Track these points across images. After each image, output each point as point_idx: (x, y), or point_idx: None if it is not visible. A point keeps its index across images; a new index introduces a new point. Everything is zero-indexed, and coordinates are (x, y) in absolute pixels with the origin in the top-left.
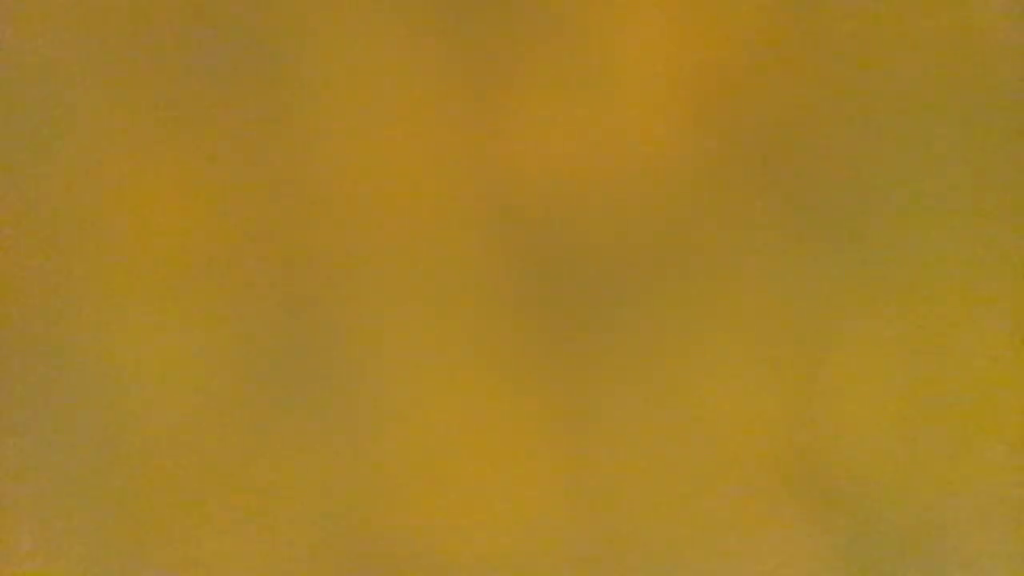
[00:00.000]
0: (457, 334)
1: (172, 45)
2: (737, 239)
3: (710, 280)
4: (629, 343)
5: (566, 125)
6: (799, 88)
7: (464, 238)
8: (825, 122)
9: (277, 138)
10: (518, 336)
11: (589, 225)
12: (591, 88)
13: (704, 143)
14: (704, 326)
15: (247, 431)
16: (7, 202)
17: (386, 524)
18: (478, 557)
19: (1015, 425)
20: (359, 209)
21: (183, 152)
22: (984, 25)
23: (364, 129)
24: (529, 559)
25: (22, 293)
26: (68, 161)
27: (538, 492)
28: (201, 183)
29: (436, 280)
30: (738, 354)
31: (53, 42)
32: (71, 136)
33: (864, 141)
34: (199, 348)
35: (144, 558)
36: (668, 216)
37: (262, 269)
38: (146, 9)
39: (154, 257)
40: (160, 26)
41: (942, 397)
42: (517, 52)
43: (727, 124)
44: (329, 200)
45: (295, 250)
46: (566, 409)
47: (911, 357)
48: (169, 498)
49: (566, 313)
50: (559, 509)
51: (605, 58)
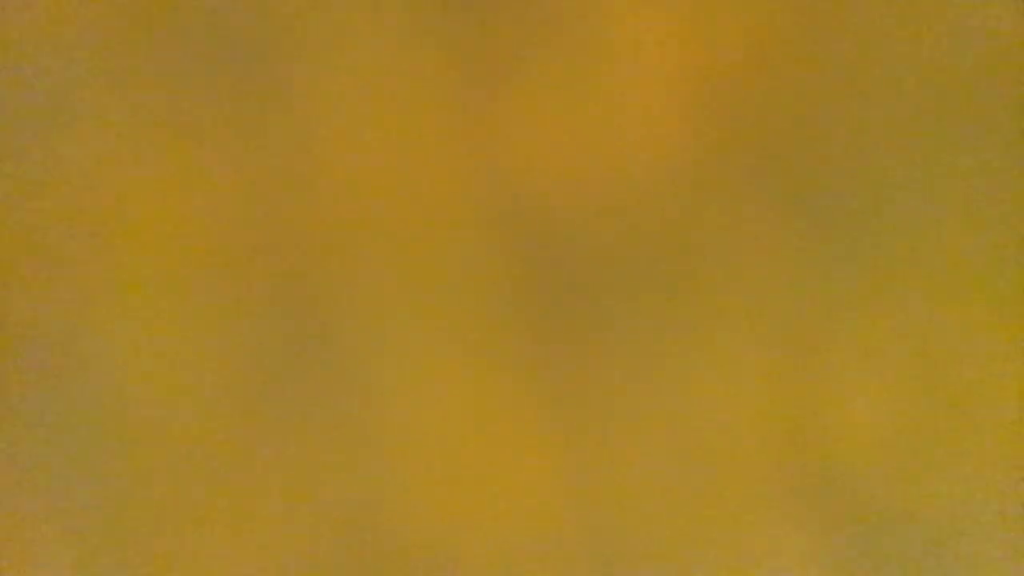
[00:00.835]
0: (458, 333)
1: (172, 45)
2: (737, 238)
3: (710, 279)
4: (629, 343)
5: (566, 125)
6: (799, 88)
7: (464, 237)
8: (825, 122)
9: (277, 138)
10: (519, 335)
11: (589, 224)
12: (591, 88)
13: (704, 142)
14: (704, 325)
15: (246, 431)
16: (7, 202)
17: (386, 523)
18: (478, 555)
19: (1015, 425)
20: (359, 209)
21: (182, 152)
22: (984, 25)
23: (364, 129)
24: (529, 557)
25: (22, 293)
26: (68, 161)
27: (538, 490)
28: (200, 183)
29: (436, 279)
30: (738, 353)
31: (53, 42)
32: (71, 136)
33: (864, 141)
34: (199, 347)
35: (144, 558)
36: (668, 216)
37: (262, 269)
38: (146, 8)
39: (154, 257)
40: (160, 25)
41: (942, 397)
42: (517, 52)
43: (727, 124)
44: (329, 200)
45: (295, 250)
46: (567, 408)
47: (912, 356)
48: (169, 497)
49: (567, 312)
50: (560, 507)
51: (605, 58)
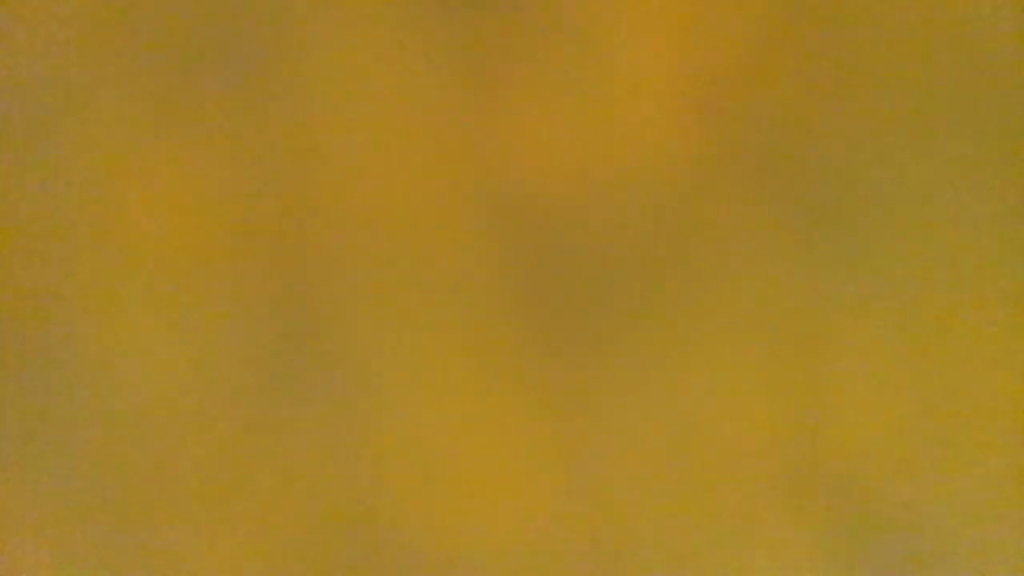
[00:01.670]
0: (456, 333)
1: (172, 45)
2: (737, 240)
3: (710, 281)
4: (628, 343)
5: (566, 126)
6: (799, 90)
7: (464, 238)
8: (825, 125)
9: (277, 138)
10: (517, 335)
11: (589, 226)
12: (591, 89)
13: (704, 144)
14: (703, 327)
15: (246, 430)
16: (7, 202)
17: (386, 523)
18: (477, 556)
19: (1015, 425)
20: (359, 209)
21: (182, 152)
22: (984, 25)
23: (364, 129)
24: (529, 559)
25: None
26: (68, 161)
27: (537, 491)
28: (200, 182)
29: (436, 279)
30: (738, 355)
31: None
32: (71, 136)
33: (864, 144)
34: (198, 347)
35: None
36: (668, 217)
37: (262, 269)
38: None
39: (154, 257)
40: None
41: (942, 398)
42: (517, 54)
43: (727, 126)
44: (329, 200)
45: (295, 250)
46: (565, 409)
47: (911, 358)
48: (168, 497)
49: (566, 313)
50: (558, 508)
51: (605, 59)
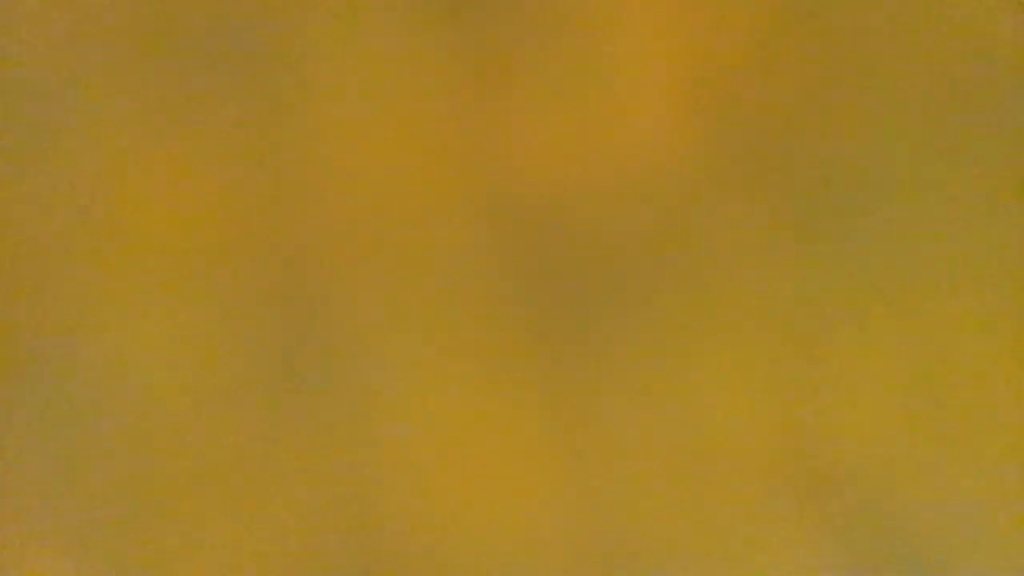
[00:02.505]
0: (456, 332)
1: (172, 45)
2: (736, 240)
3: (709, 281)
4: (628, 343)
5: (565, 126)
6: (798, 91)
7: (464, 237)
8: (824, 125)
9: (276, 136)
10: (518, 335)
11: (588, 226)
12: (590, 88)
13: (703, 144)
14: (703, 327)
15: (246, 430)
16: (7, 201)
17: (386, 523)
18: (476, 556)
19: (1015, 425)
20: (358, 209)
21: (182, 150)
22: (984, 25)
23: (363, 127)
24: (530, 560)
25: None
26: (67, 160)
27: (537, 491)
28: (200, 180)
29: (435, 279)
30: (738, 356)
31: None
32: (71, 135)
33: (863, 144)
34: (199, 347)
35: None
36: (667, 217)
37: (261, 267)
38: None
39: (154, 255)
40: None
41: (941, 398)
42: (517, 53)
43: (726, 126)
44: (329, 199)
45: (294, 248)
46: (565, 409)
47: (910, 358)
48: (168, 498)
49: (565, 313)
50: (558, 508)
51: (604, 58)
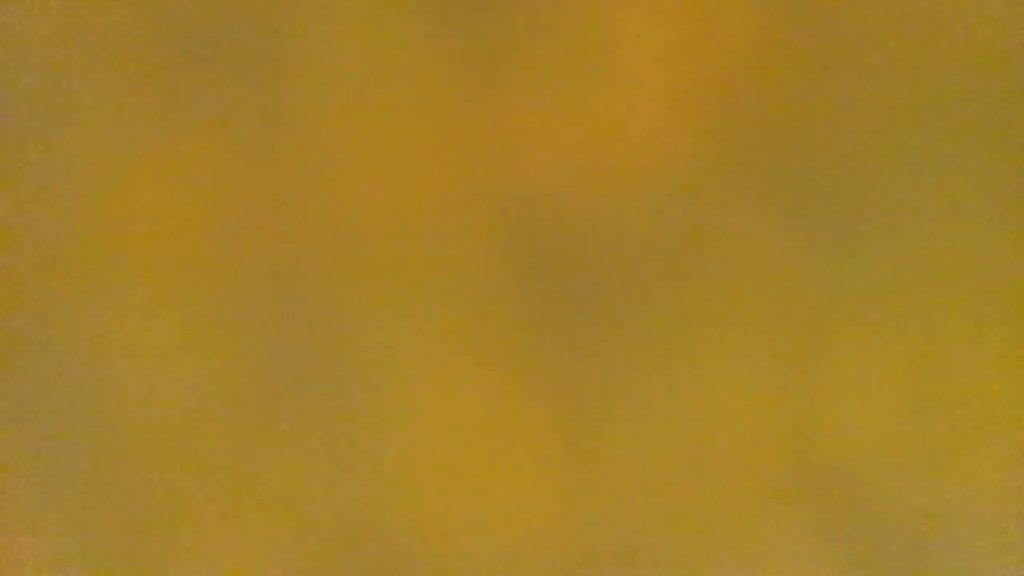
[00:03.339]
0: (457, 333)
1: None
2: (738, 240)
3: (710, 281)
4: (629, 344)
5: (565, 126)
6: (799, 92)
7: (464, 238)
8: (825, 125)
9: (276, 137)
10: (518, 336)
11: (589, 226)
12: (592, 91)
13: (704, 144)
14: (704, 327)
15: (245, 430)
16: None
17: (385, 523)
18: (477, 556)
19: (1015, 425)
20: (359, 210)
21: (182, 151)
22: (984, 26)
23: (364, 129)
24: (530, 559)
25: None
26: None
27: (539, 492)
28: (199, 182)
29: (437, 279)
30: (739, 356)
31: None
32: (70, 135)
33: (864, 144)
34: (199, 348)
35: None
36: (669, 217)
37: (261, 270)
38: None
39: (154, 257)
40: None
41: (942, 398)
42: (518, 55)
43: (727, 126)
44: (329, 199)
45: (295, 249)
46: (566, 409)
47: (911, 358)
48: (168, 497)
49: (567, 314)
50: (560, 509)
51: (604, 59)
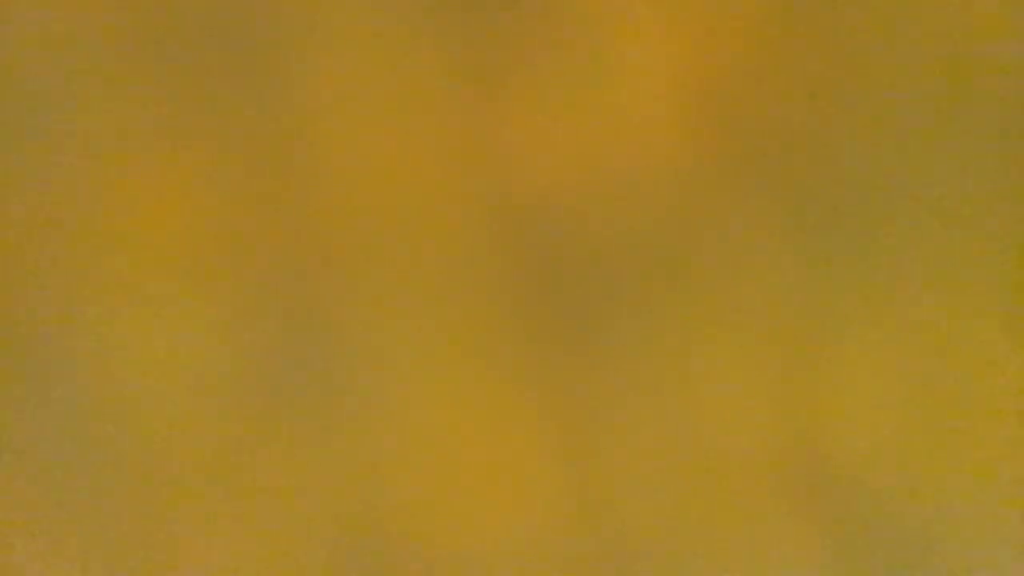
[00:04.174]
0: (457, 334)
1: (171, 46)
2: (738, 241)
3: (710, 281)
4: (629, 344)
5: (565, 127)
6: (799, 92)
7: (464, 239)
8: (826, 125)
9: (277, 138)
10: (518, 336)
11: (589, 227)
12: (591, 90)
13: (704, 145)
14: (704, 327)
15: (246, 431)
16: (9, 202)
17: (385, 523)
18: (477, 556)
19: (1015, 425)
20: (359, 210)
21: (183, 152)
22: (984, 26)
23: (364, 129)
24: (529, 558)
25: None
26: (69, 162)
27: (538, 492)
28: (200, 183)
29: (436, 280)
30: (738, 356)
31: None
32: (72, 137)
33: (865, 144)
34: (199, 348)
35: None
36: (668, 218)
37: (262, 269)
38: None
39: (154, 257)
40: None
41: (942, 399)
42: (517, 55)
43: (727, 127)
44: (329, 201)
45: (295, 250)
46: (566, 409)
47: (911, 360)
48: (169, 498)
49: (566, 314)
50: (559, 509)
51: (604, 60)
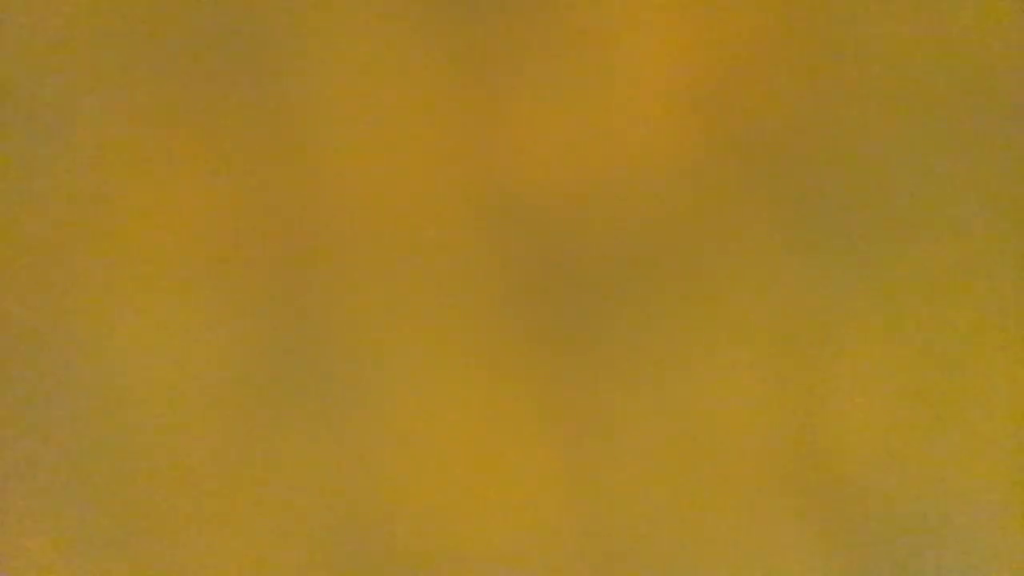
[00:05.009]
0: (457, 334)
1: (171, 45)
2: (737, 240)
3: (710, 282)
4: (629, 345)
5: (565, 127)
6: (799, 93)
7: (464, 239)
8: (825, 127)
9: (276, 138)
10: (518, 336)
11: (589, 227)
12: (591, 91)
13: (704, 146)
14: (704, 328)
15: (246, 431)
16: (9, 202)
17: (386, 524)
18: (477, 557)
19: (1015, 426)
20: (359, 210)
21: (183, 152)
22: (984, 26)
23: (364, 129)
24: (529, 559)
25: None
26: (69, 161)
27: (538, 492)
28: (200, 182)
29: (436, 281)
30: (738, 356)
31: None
32: (73, 136)
33: (864, 146)
34: (199, 347)
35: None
36: (668, 219)
37: (261, 270)
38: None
39: (155, 258)
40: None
41: (942, 400)
42: (517, 54)
43: (727, 127)
44: (329, 201)
45: (295, 250)
46: (566, 410)
47: (911, 361)
48: (169, 498)
49: (566, 314)
50: (559, 509)
51: (605, 61)
